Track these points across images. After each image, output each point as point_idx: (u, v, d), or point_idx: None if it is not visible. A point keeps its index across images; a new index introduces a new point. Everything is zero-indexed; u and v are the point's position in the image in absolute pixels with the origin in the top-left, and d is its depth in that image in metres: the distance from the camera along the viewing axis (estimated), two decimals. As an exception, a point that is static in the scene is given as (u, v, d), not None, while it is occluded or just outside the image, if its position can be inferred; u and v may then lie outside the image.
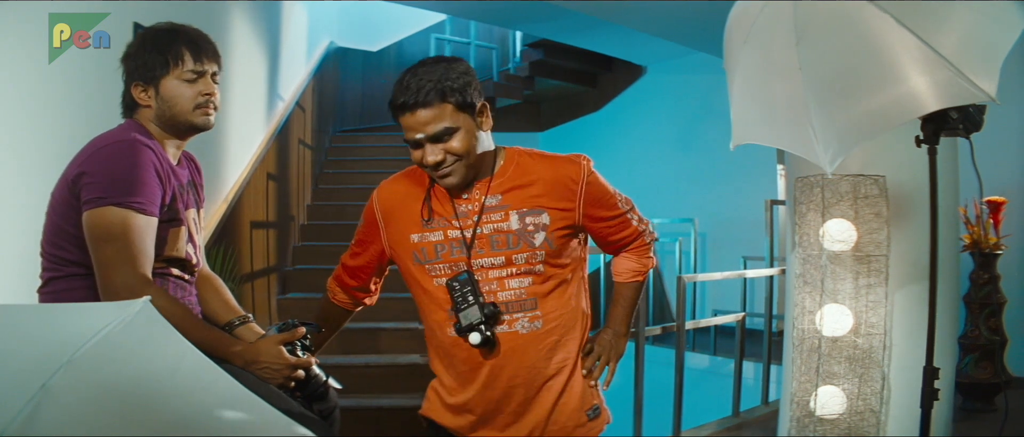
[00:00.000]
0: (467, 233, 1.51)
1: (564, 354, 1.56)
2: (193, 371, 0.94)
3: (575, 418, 1.57)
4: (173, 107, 1.53)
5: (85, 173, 1.42)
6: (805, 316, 2.57)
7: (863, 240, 2.46)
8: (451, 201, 1.54)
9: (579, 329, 1.60)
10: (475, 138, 1.48)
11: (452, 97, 1.44)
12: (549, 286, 1.54)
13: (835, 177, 2.47)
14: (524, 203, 1.52)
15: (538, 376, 1.54)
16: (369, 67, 8.42)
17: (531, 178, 1.53)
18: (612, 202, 1.60)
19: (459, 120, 1.45)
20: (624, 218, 1.62)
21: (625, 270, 1.69)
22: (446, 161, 1.46)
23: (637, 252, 1.67)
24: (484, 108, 1.51)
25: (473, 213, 1.52)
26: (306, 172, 5.89)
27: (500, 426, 1.56)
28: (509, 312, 1.51)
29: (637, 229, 1.64)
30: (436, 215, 1.55)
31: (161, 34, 1.55)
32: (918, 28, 1.48)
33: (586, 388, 1.60)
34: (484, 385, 1.54)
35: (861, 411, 2.47)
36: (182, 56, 1.52)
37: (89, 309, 1.10)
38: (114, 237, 1.38)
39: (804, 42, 1.58)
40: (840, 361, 2.49)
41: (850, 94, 1.58)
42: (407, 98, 1.44)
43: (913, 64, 1.49)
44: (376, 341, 4.21)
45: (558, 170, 1.54)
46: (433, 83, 1.43)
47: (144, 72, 1.52)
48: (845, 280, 2.48)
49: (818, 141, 1.57)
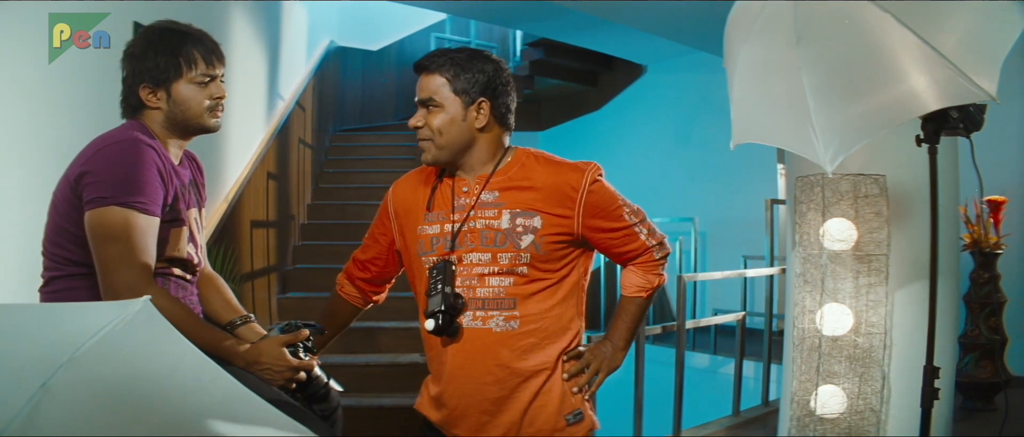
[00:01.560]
0: (453, 226, 1.54)
1: (544, 358, 1.54)
2: (193, 371, 0.94)
3: (552, 422, 1.55)
4: (186, 111, 1.53)
5: (87, 173, 1.42)
6: (805, 315, 2.57)
7: (863, 239, 2.46)
8: (452, 195, 1.56)
9: (568, 337, 1.57)
10: (458, 126, 1.52)
11: (448, 74, 1.51)
12: (532, 289, 1.52)
13: (835, 176, 2.47)
14: (518, 204, 1.52)
15: (512, 376, 1.52)
16: (369, 66, 8.42)
17: (531, 180, 1.53)
18: (617, 214, 1.56)
19: (447, 100, 1.51)
20: (630, 231, 1.58)
21: (630, 284, 1.65)
22: (422, 132, 1.53)
23: (644, 267, 1.63)
24: (482, 105, 1.52)
25: (469, 207, 1.54)
26: (306, 171, 5.89)
27: (474, 423, 1.56)
28: (485, 309, 1.52)
29: (645, 244, 1.60)
30: (436, 208, 1.58)
31: (170, 35, 1.53)
32: (918, 27, 1.48)
33: (567, 392, 1.56)
34: (452, 377, 1.54)
35: (861, 410, 2.48)
36: (195, 59, 1.52)
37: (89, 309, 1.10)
38: (116, 237, 1.39)
39: (804, 41, 1.58)
40: (840, 360, 2.49)
41: (850, 93, 1.58)
42: (422, 60, 1.55)
43: (913, 63, 1.49)
44: (376, 341, 4.21)
45: (560, 176, 1.53)
46: (446, 58, 1.52)
47: (154, 74, 1.51)
48: (845, 279, 2.48)
49: (818, 140, 1.57)
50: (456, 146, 1.53)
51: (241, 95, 4.21)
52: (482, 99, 1.52)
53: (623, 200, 1.58)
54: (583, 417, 1.58)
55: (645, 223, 1.60)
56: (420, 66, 1.54)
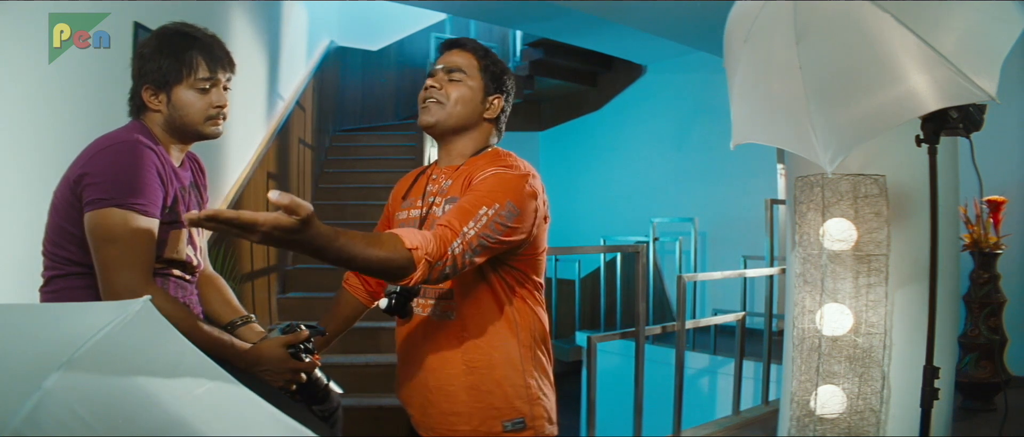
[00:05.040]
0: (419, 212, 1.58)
1: (479, 356, 1.51)
2: (193, 371, 0.93)
3: (488, 424, 1.51)
4: (184, 117, 1.52)
5: (87, 174, 1.42)
6: (805, 315, 2.57)
7: (863, 239, 2.46)
8: (426, 184, 1.62)
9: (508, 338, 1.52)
10: (473, 104, 1.58)
11: (483, 60, 1.60)
12: (467, 281, 1.50)
13: (835, 176, 2.47)
14: (454, 191, 1.54)
15: (449, 365, 1.53)
16: (369, 66, 8.42)
17: (473, 173, 1.52)
18: (472, 196, 1.41)
19: (474, 77, 1.58)
20: (461, 209, 1.39)
21: (407, 233, 1.32)
22: (434, 94, 1.57)
23: (417, 233, 1.31)
24: (498, 100, 1.61)
25: (432, 195, 1.58)
26: (306, 171, 5.89)
27: (420, 407, 1.59)
28: (426, 297, 1.56)
29: (451, 223, 1.36)
30: (412, 195, 1.64)
31: (176, 39, 1.53)
32: (918, 27, 1.48)
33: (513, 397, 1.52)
34: (402, 359, 1.62)
35: (861, 410, 2.47)
36: (196, 65, 1.51)
37: (89, 309, 1.10)
38: (116, 238, 1.39)
39: (804, 42, 1.58)
40: (840, 360, 2.49)
41: (850, 93, 1.58)
42: (457, 39, 1.63)
43: (913, 63, 1.49)
44: (376, 341, 4.21)
45: (480, 166, 1.52)
46: (481, 48, 1.62)
47: (156, 77, 1.51)
48: (845, 279, 2.48)
49: (818, 140, 1.57)
50: (460, 120, 1.57)
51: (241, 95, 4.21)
52: (499, 94, 1.61)
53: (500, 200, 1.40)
54: (525, 426, 1.52)
55: (477, 228, 1.37)
56: (454, 42, 1.62)
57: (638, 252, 3.33)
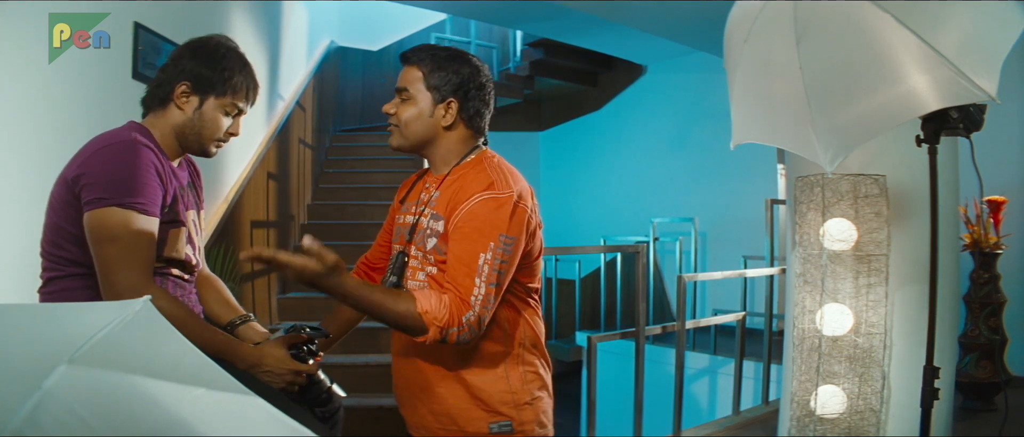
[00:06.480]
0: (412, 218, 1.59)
1: (466, 359, 1.52)
2: (193, 371, 0.93)
3: (476, 426, 1.52)
4: (202, 129, 1.55)
5: (85, 174, 1.42)
6: (805, 315, 2.57)
7: (863, 239, 2.46)
8: (421, 189, 1.63)
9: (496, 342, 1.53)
10: (423, 120, 1.56)
11: (425, 69, 1.55)
12: None
13: (835, 176, 2.47)
14: (439, 206, 1.53)
15: (438, 367, 1.55)
16: (369, 66, 8.42)
17: (460, 185, 1.52)
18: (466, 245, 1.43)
19: (419, 93, 1.55)
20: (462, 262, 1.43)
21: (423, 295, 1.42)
22: (392, 118, 1.58)
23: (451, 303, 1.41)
24: (451, 104, 1.54)
25: (423, 203, 1.59)
26: (306, 171, 5.89)
27: (410, 406, 1.62)
28: None
29: (460, 286, 1.42)
30: (410, 200, 1.65)
31: (231, 56, 1.57)
32: (918, 27, 1.48)
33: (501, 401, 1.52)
34: (398, 361, 1.64)
35: (861, 410, 2.47)
36: (238, 89, 1.56)
37: (89, 308, 1.10)
38: (116, 238, 1.39)
39: (804, 42, 1.58)
40: (840, 360, 2.49)
41: (850, 93, 1.58)
42: (407, 50, 1.60)
43: (913, 63, 1.49)
44: (376, 341, 4.21)
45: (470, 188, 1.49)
46: (428, 53, 1.56)
47: (200, 79, 1.53)
48: (845, 279, 2.48)
49: (818, 140, 1.57)
50: (417, 138, 1.57)
51: (241, 95, 4.20)
52: (452, 99, 1.54)
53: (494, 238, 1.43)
54: (512, 430, 1.52)
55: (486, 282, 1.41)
56: (404, 56, 1.60)
57: (638, 252, 3.33)
